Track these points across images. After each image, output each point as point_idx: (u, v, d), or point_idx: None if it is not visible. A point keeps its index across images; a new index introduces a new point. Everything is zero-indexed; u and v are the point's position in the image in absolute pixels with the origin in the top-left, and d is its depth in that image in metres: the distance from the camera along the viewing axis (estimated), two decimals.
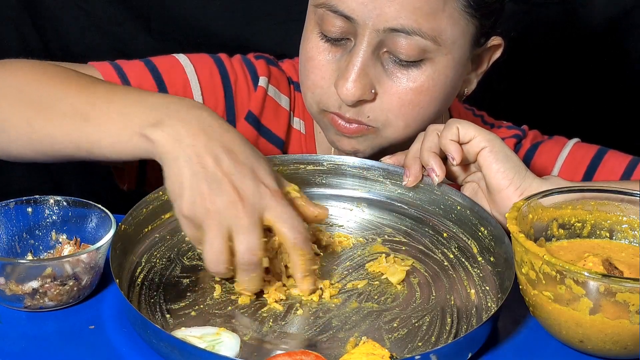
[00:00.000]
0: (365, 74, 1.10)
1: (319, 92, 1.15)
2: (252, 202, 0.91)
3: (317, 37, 1.13)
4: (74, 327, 0.91)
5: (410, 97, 1.12)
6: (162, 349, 0.85)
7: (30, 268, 0.92)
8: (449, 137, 1.06)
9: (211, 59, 1.28)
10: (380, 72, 1.11)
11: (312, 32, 1.14)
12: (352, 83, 1.09)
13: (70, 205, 1.00)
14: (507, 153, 1.06)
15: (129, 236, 1.00)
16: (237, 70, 1.28)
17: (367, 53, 1.09)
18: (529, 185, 1.04)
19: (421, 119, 1.14)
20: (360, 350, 0.86)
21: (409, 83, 1.11)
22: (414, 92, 1.12)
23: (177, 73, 1.25)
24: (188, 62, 1.26)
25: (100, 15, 1.81)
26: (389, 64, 1.11)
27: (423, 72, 1.11)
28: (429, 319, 0.94)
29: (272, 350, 0.88)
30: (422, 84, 1.11)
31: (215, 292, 0.96)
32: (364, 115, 1.13)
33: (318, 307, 0.95)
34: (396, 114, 1.13)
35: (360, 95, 1.10)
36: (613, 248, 0.99)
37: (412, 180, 1.09)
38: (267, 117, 1.28)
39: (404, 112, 1.13)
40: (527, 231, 0.95)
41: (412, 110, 1.13)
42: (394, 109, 1.12)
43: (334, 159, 1.15)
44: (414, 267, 1.03)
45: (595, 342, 0.88)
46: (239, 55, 1.32)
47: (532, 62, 1.84)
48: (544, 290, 0.88)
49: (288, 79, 1.32)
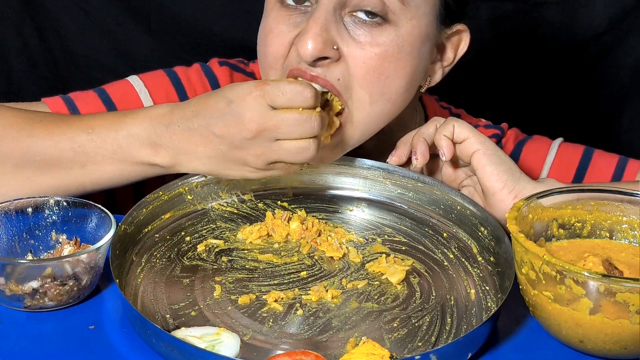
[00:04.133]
0: (326, 29, 1.06)
1: (281, 64, 1.11)
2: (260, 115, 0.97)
3: (277, 7, 1.11)
4: (74, 327, 0.91)
5: (375, 62, 1.08)
6: (162, 349, 0.85)
7: (30, 268, 0.92)
8: (443, 133, 1.07)
9: (167, 77, 1.27)
10: (342, 30, 1.08)
11: (272, 8, 1.12)
12: (312, 37, 1.05)
13: (70, 205, 1.00)
14: (501, 156, 1.06)
15: (129, 236, 1.00)
16: (194, 83, 1.27)
17: (328, 8, 1.06)
18: (522, 188, 1.05)
19: (386, 94, 1.10)
20: (360, 350, 0.86)
21: (373, 48, 1.08)
22: (378, 58, 1.08)
23: (130, 100, 1.24)
24: (142, 86, 1.25)
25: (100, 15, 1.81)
26: (351, 25, 1.08)
27: (387, 35, 1.08)
28: (429, 319, 0.94)
29: (272, 350, 0.88)
30: (386, 49, 1.08)
31: (215, 292, 0.96)
32: (334, 77, 1.08)
33: (318, 307, 0.95)
34: (361, 82, 1.09)
35: (321, 50, 1.06)
36: (613, 248, 0.99)
37: (421, 161, 1.09)
38: None
39: (369, 80, 1.08)
40: (527, 231, 0.95)
41: (377, 79, 1.09)
42: (359, 76, 1.08)
43: None
44: (414, 267, 1.03)
45: (595, 342, 0.88)
46: (198, 65, 1.31)
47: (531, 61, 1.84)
48: (544, 290, 0.88)
49: None
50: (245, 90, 0.98)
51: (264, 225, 1.08)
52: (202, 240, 1.06)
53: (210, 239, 1.06)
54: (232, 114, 0.98)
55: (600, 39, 1.79)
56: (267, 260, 1.03)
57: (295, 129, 0.98)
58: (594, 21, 1.78)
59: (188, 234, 1.06)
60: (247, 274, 1.00)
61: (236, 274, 1.00)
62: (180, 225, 1.08)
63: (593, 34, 1.79)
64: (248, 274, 1.00)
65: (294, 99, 0.98)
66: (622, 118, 1.86)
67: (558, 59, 1.82)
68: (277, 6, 1.12)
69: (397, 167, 1.14)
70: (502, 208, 1.04)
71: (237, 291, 0.97)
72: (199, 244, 1.05)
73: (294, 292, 0.97)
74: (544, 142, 1.30)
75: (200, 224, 1.08)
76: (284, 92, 0.97)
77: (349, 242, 1.08)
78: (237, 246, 1.05)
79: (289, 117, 0.98)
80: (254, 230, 1.07)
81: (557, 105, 1.85)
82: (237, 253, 1.04)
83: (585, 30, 1.79)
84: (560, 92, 1.85)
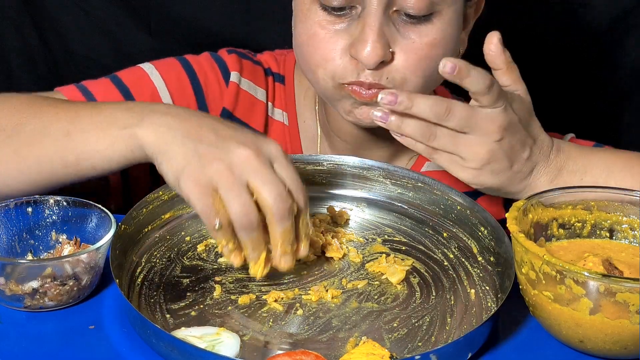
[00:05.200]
0: (383, 34, 1.08)
1: (332, 65, 1.12)
2: (264, 153, 0.92)
3: (318, 11, 1.12)
4: (74, 327, 0.91)
5: (426, 51, 1.11)
6: (162, 349, 0.85)
7: (30, 268, 0.92)
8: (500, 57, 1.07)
9: (178, 63, 1.27)
10: (393, 31, 1.10)
11: (310, 9, 1.12)
12: (372, 44, 1.07)
13: (70, 205, 1.00)
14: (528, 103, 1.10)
15: (129, 236, 1.00)
16: (205, 69, 1.27)
17: (379, 13, 1.08)
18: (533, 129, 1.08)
19: (436, 74, 1.10)
20: (360, 350, 0.86)
21: (422, 38, 1.10)
22: (428, 47, 1.11)
23: (144, 84, 1.24)
24: (154, 71, 1.25)
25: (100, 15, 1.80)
26: (400, 23, 1.10)
27: (434, 26, 1.10)
28: (429, 319, 0.94)
29: (272, 350, 0.88)
30: (434, 37, 1.11)
31: (215, 292, 0.96)
32: (383, 77, 1.10)
33: (318, 307, 0.95)
34: (414, 70, 1.11)
35: (382, 56, 1.08)
36: (613, 248, 0.99)
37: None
38: (242, 112, 1.27)
39: (422, 67, 1.11)
40: (527, 231, 0.95)
41: (429, 65, 1.11)
42: (412, 66, 1.11)
43: (334, 159, 1.15)
44: (414, 267, 1.03)
45: (595, 342, 0.88)
46: (207, 53, 1.31)
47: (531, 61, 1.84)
48: (544, 290, 0.88)
49: (266, 70, 1.31)
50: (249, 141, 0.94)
51: None
52: (202, 240, 1.06)
53: (210, 239, 1.06)
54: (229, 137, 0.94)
55: (600, 39, 1.79)
56: None
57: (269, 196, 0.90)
58: (594, 21, 1.78)
59: (188, 234, 1.06)
60: (247, 274, 1.00)
61: (236, 274, 1.00)
62: (180, 225, 1.08)
63: (593, 34, 1.79)
64: (248, 274, 1.00)
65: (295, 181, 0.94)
66: (622, 118, 1.86)
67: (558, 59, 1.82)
68: (315, 8, 1.12)
69: (397, 167, 1.14)
70: None
71: (237, 291, 0.97)
72: (199, 244, 1.05)
73: (294, 292, 0.97)
74: (555, 137, 1.31)
75: (200, 224, 1.08)
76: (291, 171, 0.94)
77: (349, 242, 1.08)
78: None
79: (277, 183, 0.91)
80: None
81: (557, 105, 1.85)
82: None
83: (585, 30, 1.79)
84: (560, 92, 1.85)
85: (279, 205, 0.90)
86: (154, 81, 1.24)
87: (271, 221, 0.91)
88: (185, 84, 1.25)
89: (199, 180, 0.90)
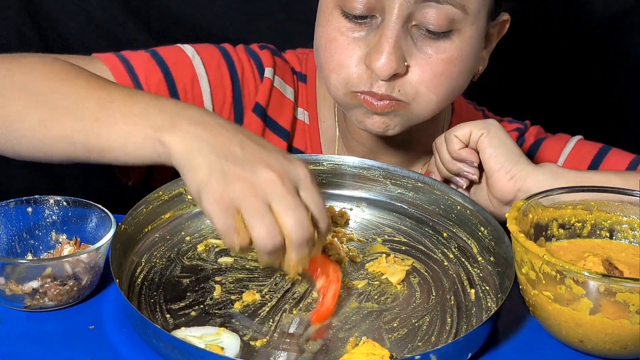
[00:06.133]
0: (399, 47, 1.09)
1: (346, 72, 1.12)
2: (290, 177, 0.88)
3: (339, 17, 1.12)
4: (74, 327, 0.91)
5: (442, 68, 1.11)
6: (162, 349, 0.85)
7: (30, 268, 0.92)
8: (456, 148, 1.11)
9: (218, 51, 1.27)
10: (410, 45, 1.10)
11: (332, 14, 1.12)
12: (387, 56, 1.08)
13: (70, 205, 1.00)
14: (502, 138, 1.10)
15: (129, 236, 1.00)
16: (243, 61, 1.27)
17: (397, 25, 1.08)
18: (519, 170, 1.07)
19: (451, 91, 1.14)
20: (360, 350, 0.86)
21: (439, 55, 1.11)
22: (444, 63, 1.11)
23: (184, 65, 1.23)
24: (195, 54, 1.25)
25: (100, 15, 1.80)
26: (418, 38, 1.10)
27: (452, 43, 1.11)
28: (429, 319, 0.94)
29: (272, 351, 0.88)
30: (452, 54, 1.11)
31: (215, 292, 0.96)
32: (395, 90, 1.11)
33: None
34: (428, 86, 1.12)
35: (396, 69, 1.08)
36: (613, 248, 0.99)
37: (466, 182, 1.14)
38: (273, 109, 1.28)
39: (436, 83, 1.12)
40: (527, 231, 0.95)
41: (444, 82, 1.12)
42: (426, 81, 1.11)
43: (334, 159, 1.15)
44: (414, 267, 1.03)
45: (595, 342, 0.88)
46: (242, 45, 1.31)
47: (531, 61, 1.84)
48: (544, 290, 0.88)
49: (291, 69, 1.31)
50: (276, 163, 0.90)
51: None
52: (202, 240, 1.06)
53: (210, 239, 1.06)
54: (256, 157, 0.90)
55: (600, 38, 1.79)
56: None
57: (292, 221, 0.87)
58: (594, 20, 1.78)
59: (188, 234, 1.06)
60: (247, 274, 1.00)
61: (236, 274, 1.00)
62: (180, 225, 1.08)
63: (593, 33, 1.79)
64: (248, 274, 1.00)
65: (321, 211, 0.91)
66: (622, 118, 1.86)
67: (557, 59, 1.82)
68: (337, 13, 1.12)
69: (397, 167, 1.14)
70: (498, 188, 1.09)
71: (237, 291, 0.97)
72: (199, 244, 1.05)
73: (294, 292, 0.97)
74: (563, 138, 1.32)
75: (200, 224, 1.08)
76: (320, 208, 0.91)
77: (349, 242, 1.08)
78: None
79: (301, 208, 0.88)
80: None
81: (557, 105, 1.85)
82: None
83: (585, 29, 1.79)
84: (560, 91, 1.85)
85: (299, 233, 0.87)
86: (195, 66, 1.24)
87: (289, 246, 0.88)
88: (224, 73, 1.25)
89: (221, 198, 0.87)
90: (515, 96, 1.84)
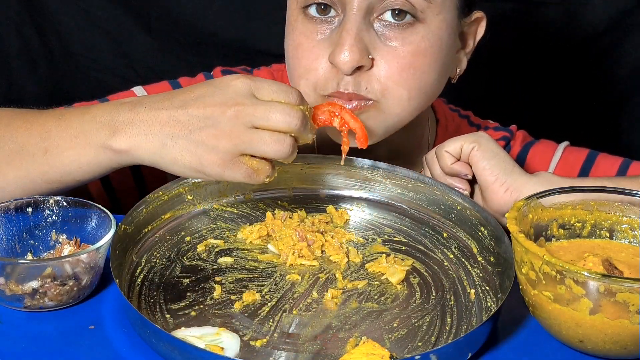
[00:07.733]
0: (360, 39, 1.08)
1: (314, 75, 1.12)
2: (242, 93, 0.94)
3: (304, 21, 1.12)
4: (74, 327, 0.91)
5: (409, 60, 1.10)
6: (162, 349, 0.85)
7: (30, 268, 0.92)
8: (448, 163, 1.11)
9: (170, 86, 1.27)
10: (374, 38, 1.10)
11: (297, 20, 1.13)
12: (349, 48, 1.07)
13: (70, 205, 1.00)
14: (494, 150, 1.10)
15: (129, 236, 1.00)
16: None
17: (358, 17, 1.08)
18: (514, 181, 1.07)
19: (422, 87, 1.12)
20: (360, 350, 0.86)
21: (405, 47, 1.10)
22: (411, 55, 1.10)
23: None
24: (143, 92, 1.25)
25: (100, 15, 1.81)
26: (382, 29, 1.10)
27: (417, 33, 1.10)
28: (429, 319, 0.94)
29: (272, 351, 0.88)
30: (418, 45, 1.10)
31: (215, 292, 0.96)
32: (362, 86, 1.10)
33: (318, 307, 0.95)
34: (396, 80, 1.10)
35: (358, 61, 1.07)
36: (613, 248, 0.99)
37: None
38: None
39: (405, 77, 1.10)
40: (527, 231, 0.95)
41: (413, 76, 1.11)
42: (394, 75, 1.10)
43: (333, 159, 1.15)
44: (414, 267, 1.03)
45: (595, 342, 0.88)
46: (202, 74, 1.31)
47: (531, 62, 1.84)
48: (544, 290, 0.88)
49: None
50: (233, 76, 0.97)
51: (264, 225, 1.08)
52: (202, 240, 1.06)
53: (210, 239, 1.06)
54: (214, 94, 0.95)
55: (600, 39, 1.79)
56: (267, 260, 1.03)
57: (274, 115, 0.94)
58: (594, 21, 1.78)
59: (188, 234, 1.06)
60: (247, 274, 1.00)
61: (236, 274, 1.00)
62: (180, 225, 1.08)
63: (593, 34, 1.79)
64: (248, 274, 1.00)
65: (278, 92, 0.97)
66: (622, 118, 1.86)
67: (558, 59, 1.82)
68: (301, 18, 1.12)
69: (397, 167, 1.14)
70: (495, 200, 1.09)
71: (237, 291, 0.97)
72: (199, 244, 1.05)
73: (294, 292, 0.97)
74: (550, 145, 1.31)
75: (200, 224, 1.08)
76: (269, 84, 0.97)
77: (349, 242, 1.08)
78: (237, 246, 1.05)
79: (271, 103, 0.95)
80: (254, 230, 1.07)
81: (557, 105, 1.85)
82: (237, 253, 1.04)
83: (585, 30, 1.79)
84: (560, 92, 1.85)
85: (294, 117, 0.94)
86: None
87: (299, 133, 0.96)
88: None
89: (222, 160, 0.93)
90: (514, 98, 1.85)
